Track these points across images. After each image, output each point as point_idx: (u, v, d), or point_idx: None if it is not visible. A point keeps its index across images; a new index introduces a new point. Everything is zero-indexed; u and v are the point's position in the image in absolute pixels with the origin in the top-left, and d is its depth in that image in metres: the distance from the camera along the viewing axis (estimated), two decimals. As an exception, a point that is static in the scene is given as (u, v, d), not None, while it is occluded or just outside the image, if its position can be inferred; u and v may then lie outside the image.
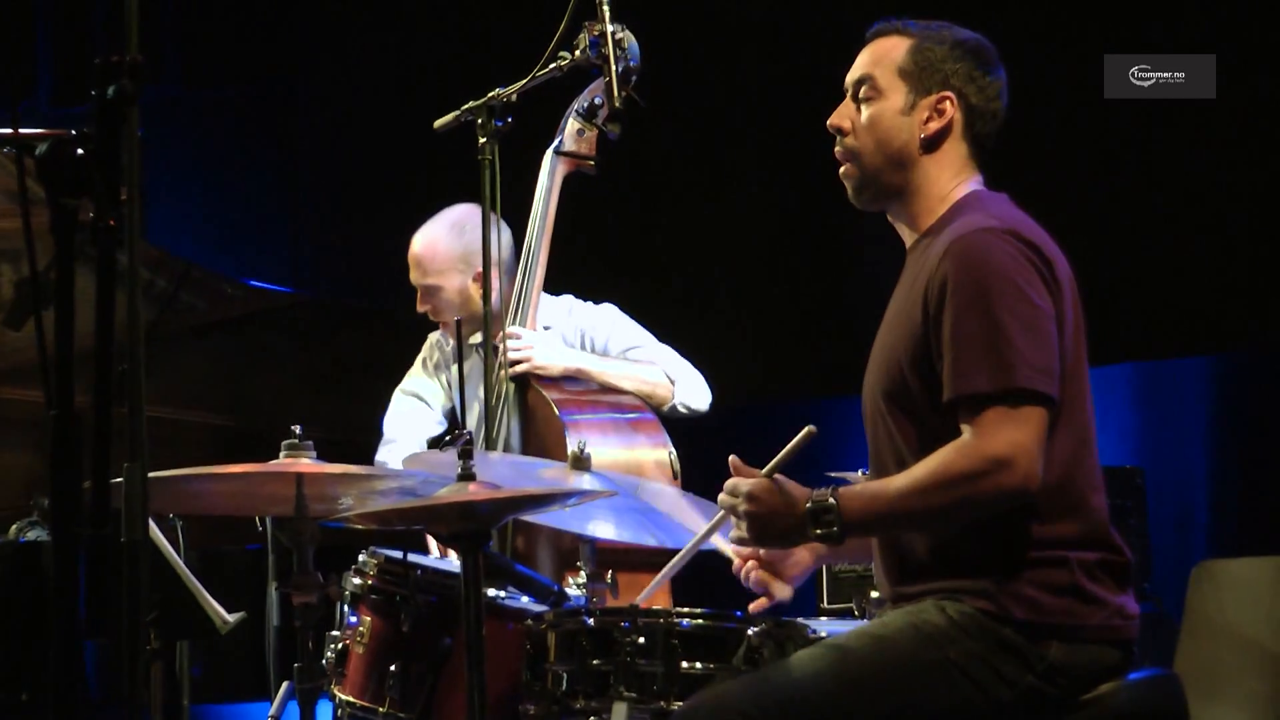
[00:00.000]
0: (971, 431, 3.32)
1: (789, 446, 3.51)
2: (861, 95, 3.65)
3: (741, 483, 3.46)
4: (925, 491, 3.33)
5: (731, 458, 3.58)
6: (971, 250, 3.41)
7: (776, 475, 3.46)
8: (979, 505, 3.32)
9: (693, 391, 5.50)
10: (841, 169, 3.68)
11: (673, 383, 5.48)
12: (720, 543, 3.91)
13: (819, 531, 3.38)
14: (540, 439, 5.23)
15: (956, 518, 3.37)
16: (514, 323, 5.37)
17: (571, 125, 5.40)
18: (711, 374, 5.57)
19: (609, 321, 5.63)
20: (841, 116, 3.67)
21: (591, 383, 5.40)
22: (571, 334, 5.60)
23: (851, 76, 3.68)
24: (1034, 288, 3.39)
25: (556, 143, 5.42)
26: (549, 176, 5.42)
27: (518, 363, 5.33)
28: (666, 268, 7.59)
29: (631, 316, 5.66)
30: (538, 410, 5.28)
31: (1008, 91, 3.69)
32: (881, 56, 3.65)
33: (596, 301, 5.70)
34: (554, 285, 5.58)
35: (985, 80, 3.65)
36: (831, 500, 3.38)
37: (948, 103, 3.61)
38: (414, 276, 5.72)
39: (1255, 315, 6.65)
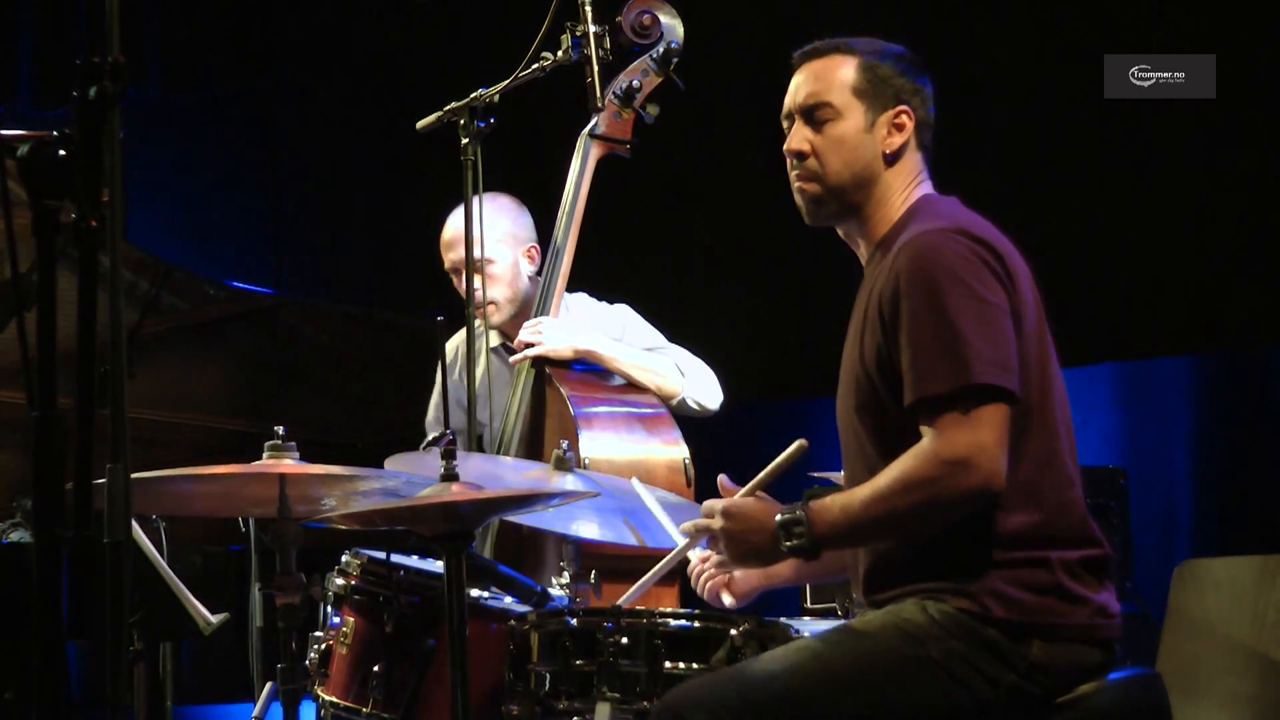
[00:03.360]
0: (930, 435, 3.34)
1: (777, 461, 3.52)
2: (819, 118, 3.64)
3: (718, 501, 3.49)
4: (889, 498, 3.34)
5: (720, 478, 3.60)
6: (921, 252, 3.43)
7: (758, 492, 3.47)
8: (943, 509, 3.33)
9: (703, 388, 5.44)
10: (796, 185, 3.67)
11: (683, 375, 5.43)
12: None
13: (789, 544, 3.40)
14: (554, 434, 5.19)
15: (923, 523, 3.37)
16: (538, 307, 5.35)
17: (608, 108, 5.36)
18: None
19: (622, 321, 5.59)
20: (800, 141, 3.66)
21: (605, 371, 5.36)
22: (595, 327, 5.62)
23: (799, 100, 3.67)
24: (984, 283, 3.40)
25: (591, 125, 5.39)
26: (582, 159, 5.39)
27: (530, 348, 5.31)
28: (663, 268, 7.60)
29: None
30: (552, 405, 5.26)
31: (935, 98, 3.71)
32: (831, 77, 3.65)
33: (610, 302, 5.70)
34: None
35: (924, 91, 3.68)
36: (800, 513, 3.40)
37: (904, 116, 3.63)
38: (454, 257, 5.56)
39: (1238, 315, 6.66)
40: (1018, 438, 3.36)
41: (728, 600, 3.83)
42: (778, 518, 3.41)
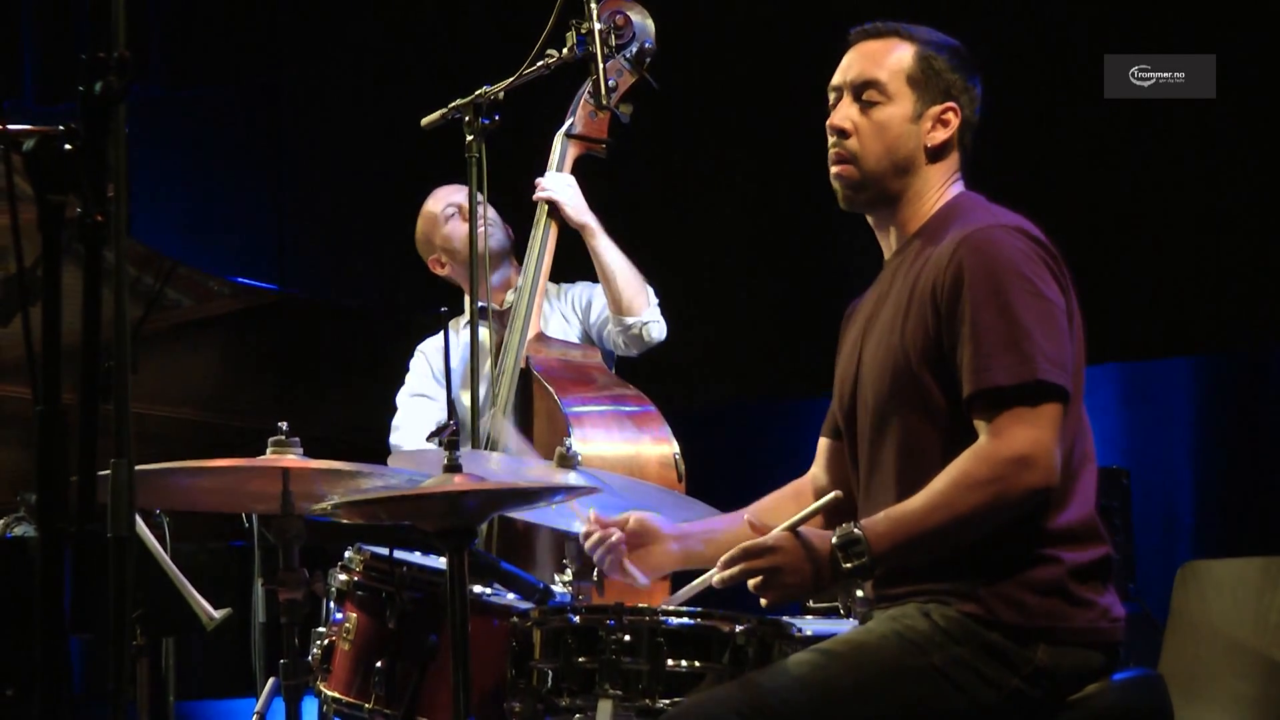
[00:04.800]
0: (987, 433, 3.33)
1: (810, 509, 3.50)
2: (866, 98, 3.61)
3: (758, 541, 3.43)
4: (950, 502, 3.31)
5: (747, 517, 3.58)
6: (984, 246, 3.42)
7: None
8: (1005, 507, 3.31)
9: (659, 322, 5.58)
10: (835, 170, 3.64)
11: (649, 304, 5.56)
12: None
13: (848, 565, 3.35)
14: (544, 433, 5.21)
15: (984, 524, 3.33)
16: (526, 308, 5.38)
17: (583, 107, 5.39)
18: (705, 372, 5.59)
19: (596, 288, 5.71)
20: (844, 118, 3.62)
21: (588, 369, 5.40)
22: (566, 307, 5.66)
23: (850, 77, 3.64)
24: (1045, 283, 3.41)
25: (567, 125, 5.42)
26: (559, 159, 5.42)
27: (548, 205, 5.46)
28: (662, 268, 7.59)
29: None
30: (540, 404, 5.27)
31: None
32: (884, 60, 3.62)
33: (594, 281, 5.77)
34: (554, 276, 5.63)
35: (974, 91, 3.66)
36: (856, 531, 3.35)
37: (951, 113, 3.61)
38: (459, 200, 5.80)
39: (1242, 316, 6.66)
40: None
41: (638, 575, 3.81)
42: (833, 540, 3.36)
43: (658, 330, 5.56)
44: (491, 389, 5.31)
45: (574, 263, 5.70)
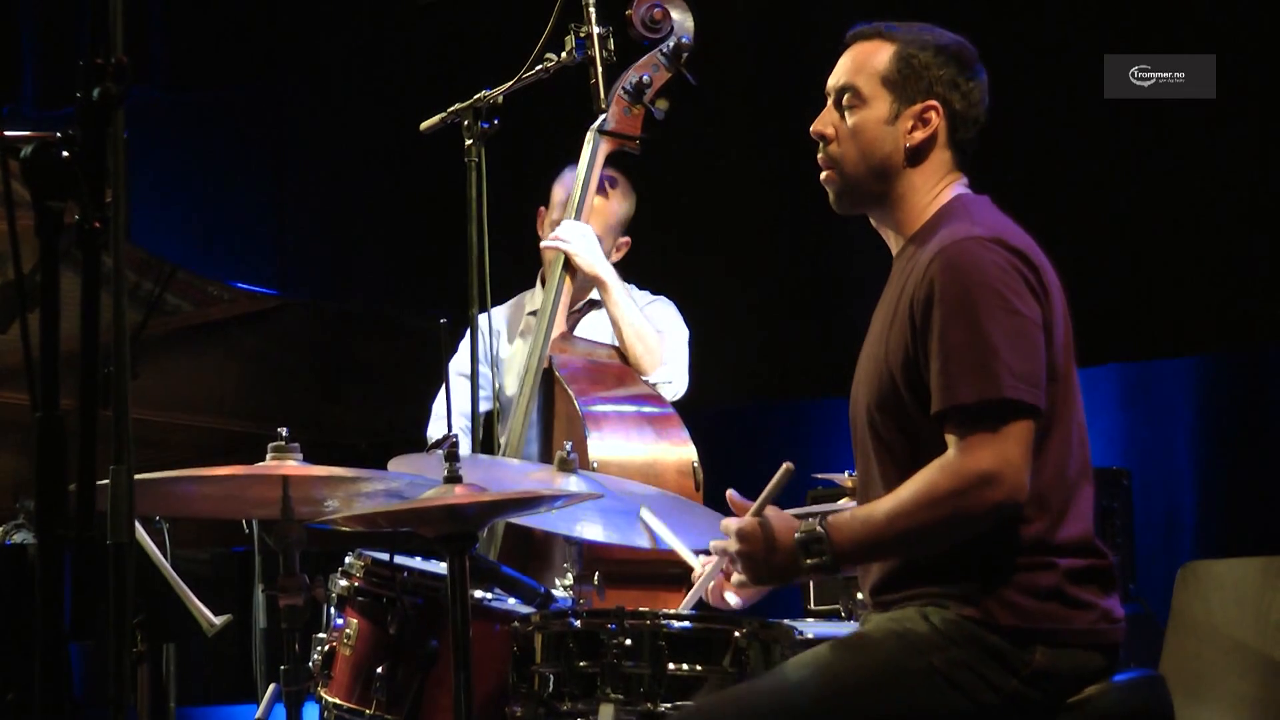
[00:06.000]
0: (956, 447, 3.31)
1: (771, 485, 3.50)
2: (845, 103, 3.61)
3: (731, 523, 3.45)
4: (912, 513, 3.31)
5: (730, 493, 3.58)
6: (957, 259, 3.39)
7: (766, 512, 3.44)
8: (968, 522, 3.31)
9: (669, 382, 5.43)
10: (822, 175, 3.65)
11: (662, 363, 5.41)
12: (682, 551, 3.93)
13: (810, 562, 3.37)
14: (563, 435, 5.17)
15: (946, 536, 3.34)
16: (549, 306, 5.35)
17: (616, 103, 5.34)
18: (710, 373, 5.55)
19: (653, 305, 5.63)
20: (824, 124, 3.63)
21: (611, 366, 5.36)
22: None
23: (833, 83, 3.65)
24: (1020, 296, 3.37)
25: (600, 121, 5.36)
26: (591, 155, 5.37)
27: (562, 252, 5.35)
28: (667, 267, 7.59)
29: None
30: (560, 405, 5.24)
31: (989, 92, 3.65)
32: (864, 63, 3.61)
33: (654, 292, 5.72)
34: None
35: (969, 85, 3.61)
36: (820, 529, 3.36)
37: (932, 112, 3.58)
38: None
39: (1242, 316, 6.65)
40: (1037, 448, 3.34)
41: (733, 600, 3.80)
42: (796, 536, 3.37)
43: (670, 392, 5.40)
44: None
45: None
